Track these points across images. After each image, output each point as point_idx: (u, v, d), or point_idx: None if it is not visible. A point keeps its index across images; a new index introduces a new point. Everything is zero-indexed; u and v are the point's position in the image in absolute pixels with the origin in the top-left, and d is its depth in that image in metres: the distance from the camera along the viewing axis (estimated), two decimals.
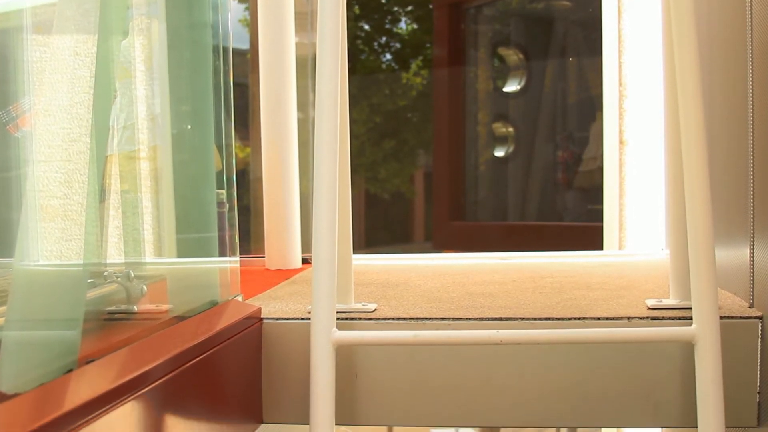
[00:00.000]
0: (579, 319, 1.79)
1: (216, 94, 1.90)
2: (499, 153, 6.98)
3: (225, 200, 1.92)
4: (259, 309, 1.87)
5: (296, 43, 2.78)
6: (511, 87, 6.84)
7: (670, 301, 1.85)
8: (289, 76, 2.74)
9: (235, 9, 7.01)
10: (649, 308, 1.85)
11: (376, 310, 1.90)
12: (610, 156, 3.55)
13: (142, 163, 1.84)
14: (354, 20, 9.74)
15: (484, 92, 7.24)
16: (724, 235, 1.99)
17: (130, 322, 1.66)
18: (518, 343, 1.75)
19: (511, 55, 6.77)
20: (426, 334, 1.71)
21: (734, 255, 1.94)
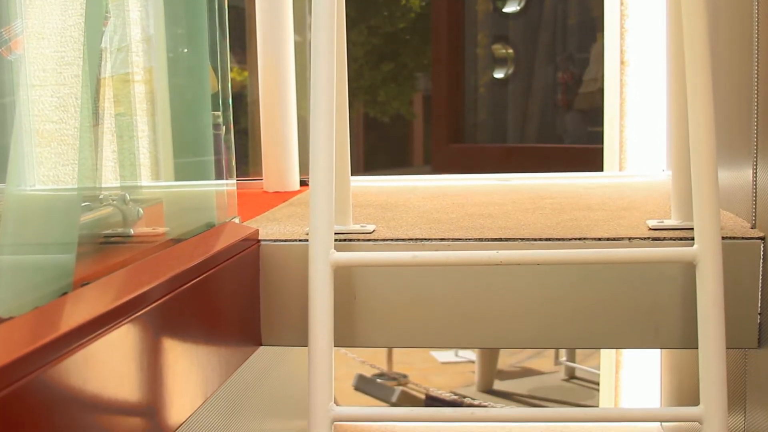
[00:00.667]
0: (579, 239, 1.78)
1: (210, 15, 1.87)
2: (499, 75, 6.94)
3: (221, 122, 1.90)
4: (257, 231, 1.86)
5: None
6: (511, 8, 6.77)
7: (672, 222, 1.84)
8: None
9: None
10: (651, 229, 1.83)
11: (374, 231, 1.88)
12: (610, 77, 3.53)
13: (137, 86, 1.82)
14: None
15: (484, 13, 7.17)
16: (726, 156, 1.96)
17: (127, 246, 1.65)
18: (518, 263, 1.73)
19: None
20: (425, 255, 1.69)
21: (737, 176, 1.92)
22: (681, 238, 1.76)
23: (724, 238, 1.69)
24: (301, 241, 1.84)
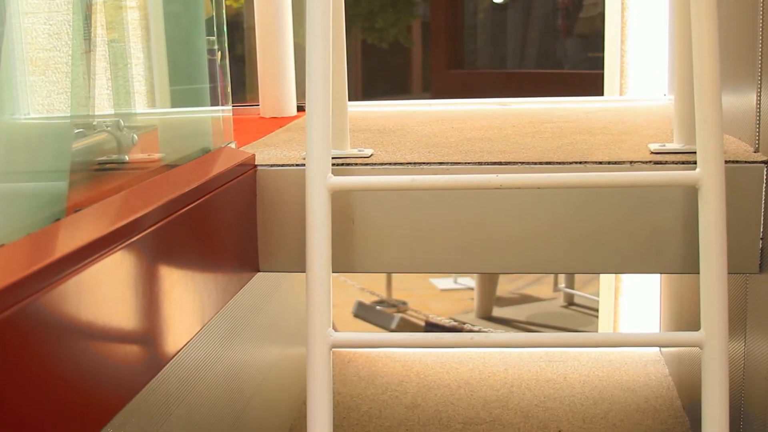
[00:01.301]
0: (580, 163, 1.76)
1: None
2: (498, 0, 6.86)
3: (216, 48, 1.87)
4: (253, 156, 1.83)
5: None
6: None
7: (674, 146, 1.82)
8: None
9: None
10: (652, 152, 1.81)
11: (372, 155, 1.86)
12: (611, 1, 3.48)
13: (130, 12, 1.79)
14: None
15: None
16: (730, 80, 1.94)
17: (121, 172, 1.63)
18: (518, 187, 1.71)
19: None
20: (423, 178, 1.67)
21: (740, 100, 1.90)
22: (683, 162, 1.74)
23: (726, 162, 1.68)
24: (298, 165, 1.81)
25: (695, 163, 1.63)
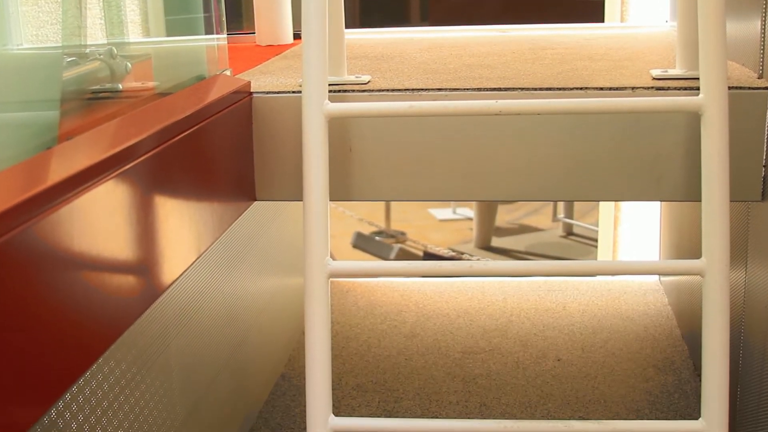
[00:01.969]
0: (581, 89, 1.73)
1: None
2: None
3: None
4: (248, 83, 1.81)
5: None
6: None
7: (677, 71, 1.79)
8: None
9: None
10: (654, 78, 1.78)
11: (369, 82, 1.83)
12: None
13: None
14: None
15: None
16: (734, 5, 1.90)
17: (115, 100, 1.61)
18: (518, 113, 1.69)
19: None
20: (422, 104, 1.65)
21: (744, 26, 1.86)
22: (686, 88, 1.72)
23: (730, 88, 1.65)
24: (294, 93, 1.79)
25: (698, 89, 1.60)
